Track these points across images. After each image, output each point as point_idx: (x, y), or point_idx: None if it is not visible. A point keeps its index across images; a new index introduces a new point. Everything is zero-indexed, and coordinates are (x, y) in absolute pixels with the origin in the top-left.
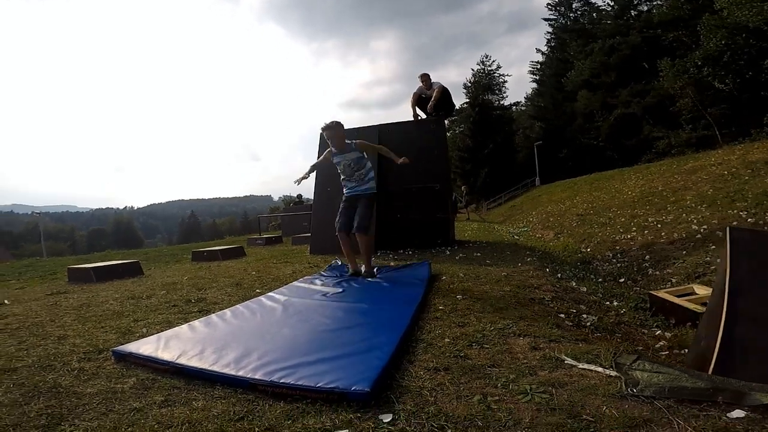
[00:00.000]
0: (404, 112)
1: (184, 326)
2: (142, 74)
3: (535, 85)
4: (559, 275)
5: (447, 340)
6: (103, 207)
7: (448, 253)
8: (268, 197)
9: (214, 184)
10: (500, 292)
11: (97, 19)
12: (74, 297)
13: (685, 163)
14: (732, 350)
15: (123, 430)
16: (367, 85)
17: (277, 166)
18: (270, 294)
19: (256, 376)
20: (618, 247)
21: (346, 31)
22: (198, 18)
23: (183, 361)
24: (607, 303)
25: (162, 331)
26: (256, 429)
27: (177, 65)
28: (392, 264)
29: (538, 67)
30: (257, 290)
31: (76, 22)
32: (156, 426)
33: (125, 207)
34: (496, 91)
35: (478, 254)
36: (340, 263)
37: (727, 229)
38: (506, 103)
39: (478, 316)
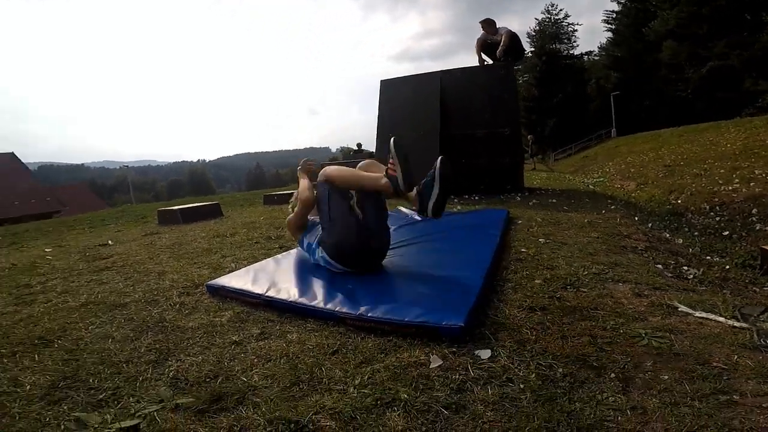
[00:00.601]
0: (458, 63)
1: (269, 260)
2: (205, 39)
3: (610, 34)
4: (649, 225)
5: (537, 281)
6: (179, 160)
7: (519, 199)
8: (327, 149)
9: (276, 137)
10: (586, 238)
11: None
12: (166, 236)
13: None
14: None
15: (225, 363)
16: (417, 37)
17: (334, 119)
18: None
19: (344, 309)
20: (717, 200)
21: None
22: None
23: (272, 294)
24: (708, 258)
25: (249, 265)
26: (351, 362)
27: (232, 27)
28: (458, 208)
29: (614, 16)
30: None
31: None
32: (255, 360)
33: (198, 160)
34: (565, 41)
35: (554, 201)
36: (402, 209)
37: None
38: (576, 52)
39: (567, 260)
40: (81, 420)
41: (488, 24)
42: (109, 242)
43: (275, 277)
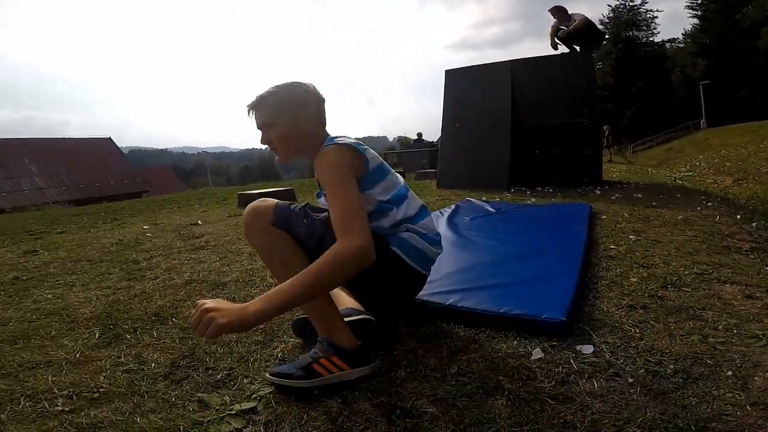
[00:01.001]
0: (522, 52)
1: None
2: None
3: (696, 20)
4: (754, 224)
5: (633, 279)
6: (250, 148)
7: (599, 192)
8: (384, 138)
9: (338, 126)
10: (683, 236)
11: None
12: None
13: None
14: None
15: None
16: (477, 26)
17: (391, 109)
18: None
19: (434, 300)
20: None
21: None
22: None
23: None
24: None
25: None
26: (445, 351)
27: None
28: (533, 201)
29: (699, 2)
30: None
31: None
32: None
33: (265, 147)
34: (643, 28)
35: (639, 195)
36: (474, 200)
37: None
38: (657, 39)
39: (664, 258)
40: (204, 401)
41: (558, 11)
42: (199, 222)
43: None
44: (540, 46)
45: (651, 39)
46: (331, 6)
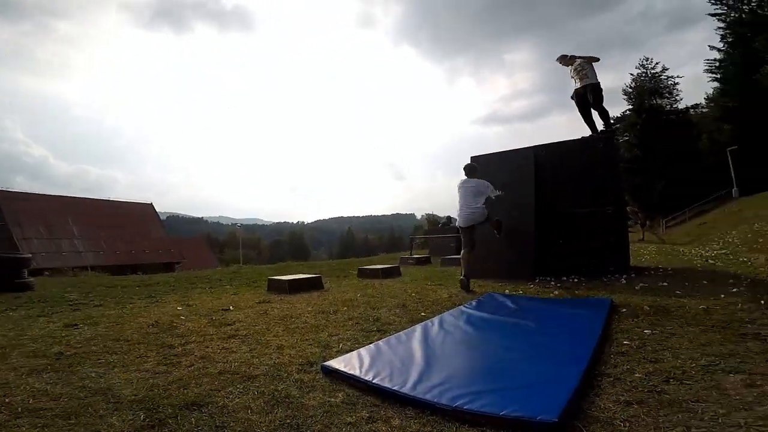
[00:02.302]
0: (550, 124)
1: (372, 346)
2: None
3: (716, 84)
4: None
5: (638, 375)
6: (281, 221)
7: (624, 281)
8: (412, 215)
9: (366, 201)
10: (700, 328)
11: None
12: (277, 307)
13: None
14: None
15: None
16: (505, 99)
17: (419, 184)
18: (439, 318)
19: (442, 401)
20: None
21: (477, 46)
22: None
23: (378, 381)
24: None
25: (352, 347)
26: None
27: (329, 95)
28: (556, 293)
29: (717, 65)
30: (422, 313)
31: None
32: None
33: (297, 222)
34: (666, 95)
35: (664, 283)
36: (497, 295)
37: None
38: (680, 106)
39: (674, 352)
40: None
41: (562, 57)
42: (230, 307)
43: (378, 364)
44: (565, 118)
45: (675, 106)
46: (364, 83)
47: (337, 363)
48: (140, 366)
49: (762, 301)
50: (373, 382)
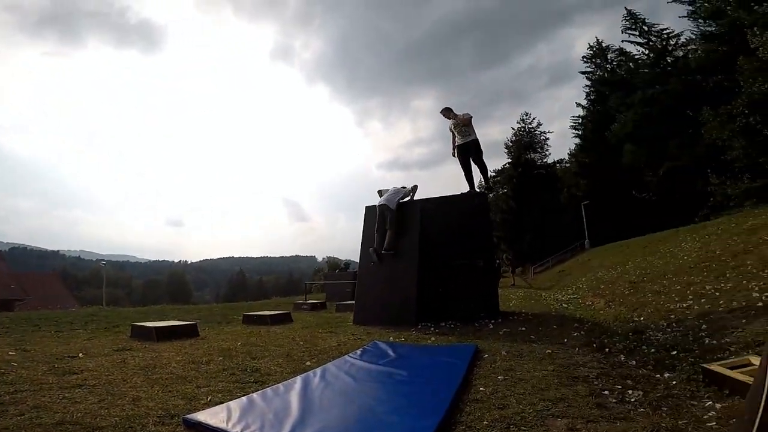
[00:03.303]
0: (442, 172)
1: (244, 399)
2: (196, 136)
3: (578, 140)
4: (607, 350)
5: (485, 422)
6: (160, 259)
7: (492, 326)
8: (313, 257)
9: (263, 243)
10: (543, 372)
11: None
12: (139, 356)
13: (745, 221)
14: None
15: None
16: (408, 145)
17: (322, 226)
18: (322, 368)
19: None
20: (673, 316)
21: (388, 91)
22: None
23: None
24: (657, 376)
25: (223, 399)
26: None
27: (230, 126)
28: (432, 339)
29: (580, 121)
30: (307, 362)
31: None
32: None
33: (180, 261)
34: (538, 149)
35: (523, 329)
36: (380, 343)
37: None
38: (549, 161)
39: (518, 398)
40: None
41: (446, 110)
42: (80, 355)
43: (249, 417)
44: (457, 169)
45: (545, 161)
46: (272, 118)
47: (202, 416)
48: None
49: (594, 344)
50: None
